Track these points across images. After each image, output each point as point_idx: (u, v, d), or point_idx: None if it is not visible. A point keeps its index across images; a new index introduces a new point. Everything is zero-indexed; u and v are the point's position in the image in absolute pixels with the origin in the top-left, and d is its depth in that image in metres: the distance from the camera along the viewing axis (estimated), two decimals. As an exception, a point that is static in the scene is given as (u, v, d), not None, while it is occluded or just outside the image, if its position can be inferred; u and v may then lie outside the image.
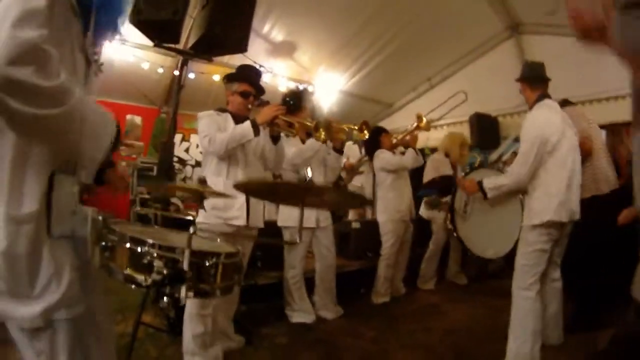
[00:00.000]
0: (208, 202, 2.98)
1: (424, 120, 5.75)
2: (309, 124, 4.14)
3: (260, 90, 3.89)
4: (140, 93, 8.70)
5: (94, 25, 1.65)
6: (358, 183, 8.17)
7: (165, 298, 1.57)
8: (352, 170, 7.64)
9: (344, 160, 7.14)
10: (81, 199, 1.63)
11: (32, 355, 1.49)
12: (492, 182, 4.05)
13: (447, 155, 6.71)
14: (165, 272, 1.53)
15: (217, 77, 7.49)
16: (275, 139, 3.83)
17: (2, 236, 1.39)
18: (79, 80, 1.60)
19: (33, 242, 1.43)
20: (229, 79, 3.88)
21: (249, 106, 3.78)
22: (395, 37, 7.77)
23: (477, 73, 8.25)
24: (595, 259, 4.22)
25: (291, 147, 4.45)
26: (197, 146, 9.53)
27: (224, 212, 3.48)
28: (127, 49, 7.14)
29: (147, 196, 7.53)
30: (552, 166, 3.71)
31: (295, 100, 4.67)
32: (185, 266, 1.56)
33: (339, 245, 6.04)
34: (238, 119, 3.69)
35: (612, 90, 6.34)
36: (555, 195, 3.65)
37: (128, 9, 1.81)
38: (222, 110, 3.80)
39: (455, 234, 4.80)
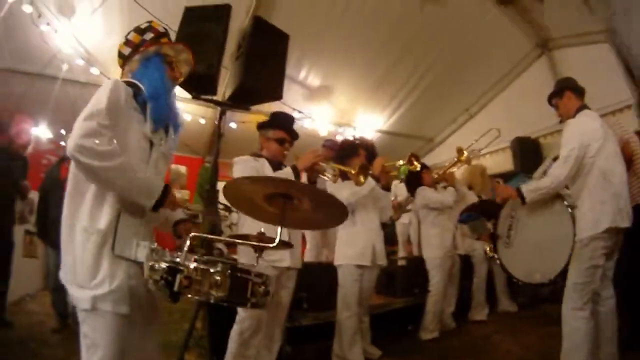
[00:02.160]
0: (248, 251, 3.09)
1: (465, 153, 5.69)
2: (347, 169, 4.14)
3: (294, 136, 3.93)
4: (183, 143, 8.92)
5: (150, 114, 2.29)
6: (406, 220, 8.11)
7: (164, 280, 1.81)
8: (400, 208, 7.58)
9: (392, 198, 7.15)
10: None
11: (82, 337, 2.03)
12: (530, 185, 3.90)
13: (470, 188, 6.61)
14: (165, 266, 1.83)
15: (258, 125, 7.63)
16: (312, 184, 3.78)
17: (80, 241, 2.04)
18: (142, 158, 2.27)
19: (97, 251, 2.04)
20: (263, 126, 3.94)
21: (285, 152, 3.82)
22: (428, 71, 7.84)
23: (514, 96, 8.20)
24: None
25: (345, 188, 4.42)
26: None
27: (268, 255, 3.41)
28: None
29: (193, 242, 7.60)
30: (598, 173, 3.56)
31: (346, 149, 4.69)
32: (182, 259, 1.83)
33: (386, 283, 5.98)
34: (274, 165, 3.72)
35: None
36: (608, 202, 3.49)
37: (174, 101, 2.53)
38: (258, 155, 3.80)
39: (498, 262, 4.61)
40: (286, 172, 3.52)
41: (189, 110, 8.04)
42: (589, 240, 3.49)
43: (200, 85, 4.25)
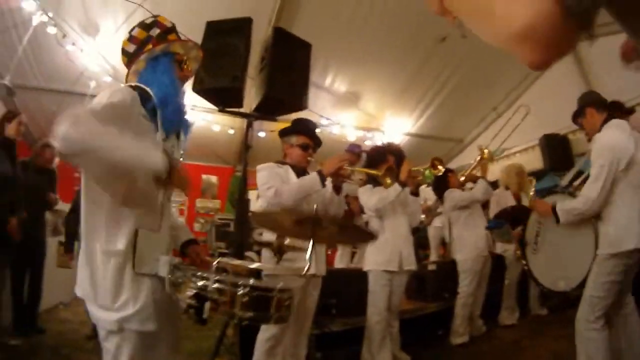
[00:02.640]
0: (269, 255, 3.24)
1: (486, 152, 5.67)
2: (374, 172, 4.14)
3: (317, 142, 3.93)
4: (213, 154, 9.08)
5: (161, 120, 2.16)
6: (439, 223, 8.06)
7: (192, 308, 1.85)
8: (430, 212, 7.55)
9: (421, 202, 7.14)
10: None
11: (104, 352, 1.98)
12: (565, 205, 3.75)
13: (507, 188, 6.52)
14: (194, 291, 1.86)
15: (286, 133, 7.71)
16: (337, 189, 3.80)
17: (99, 262, 1.96)
18: None
19: (119, 271, 1.95)
20: (286, 132, 3.93)
21: (308, 158, 3.82)
22: (454, 72, 7.82)
23: (541, 92, 8.04)
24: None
25: (375, 195, 4.45)
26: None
27: (293, 262, 3.41)
28: (197, 114, 7.51)
29: (225, 251, 7.73)
30: (627, 188, 3.40)
31: (374, 155, 4.70)
32: (211, 286, 1.83)
33: (416, 287, 5.95)
34: (298, 171, 3.74)
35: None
36: (636, 220, 3.33)
37: (184, 104, 2.34)
38: (281, 162, 3.81)
39: (526, 268, 4.56)
40: (312, 178, 3.54)
41: (217, 121, 8.17)
42: (610, 256, 3.37)
43: (227, 98, 4.39)
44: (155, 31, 2.31)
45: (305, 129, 3.93)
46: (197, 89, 4.22)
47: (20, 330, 5.06)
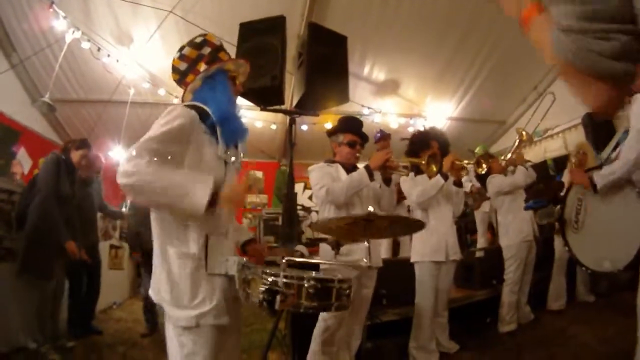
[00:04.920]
0: (330, 250, 3.33)
1: (524, 133, 5.62)
2: (417, 161, 4.22)
3: (364, 138, 4.00)
4: (257, 149, 9.22)
5: (222, 136, 2.29)
6: (487, 209, 7.98)
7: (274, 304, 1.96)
8: (480, 195, 7.43)
9: (469, 185, 7.11)
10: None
11: (177, 346, 2.09)
12: (601, 171, 3.60)
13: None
14: (265, 288, 1.95)
15: (329, 125, 7.71)
16: (387, 181, 3.91)
17: (175, 266, 2.11)
18: (220, 177, 2.23)
19: (195, 273, 2.12)
20: (333, 132, 4.04)
21: (357, 154, 3.92)
22: (491, 52, 7.70)
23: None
24: None
25: (417, 186, 4.51)
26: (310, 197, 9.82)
27: (347, 256, 3.56)
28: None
29: (275, 244, 7.83)
30: None
31: (417, 142, 4.73)
32: (280, 283, 1.95)
33: (464, 275, 5.92)
34: (348, 168, 3.83)
35: None
36: None
37: (241, 120, 2.45)
38: (331, 161, 3.93)
39: (567, 248, 4.35)
40: (360, 173, 3.63)
41: (259, 117, 8.27)
42: None
43: (267, 97, 4.44)
44: (207, 50, 2.45)
45: (352, 126, 4.00)
46: (237, 91, 4.28)
47: (77, 332, 5.26)
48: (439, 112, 9.13)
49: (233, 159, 2.40)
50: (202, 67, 2.43)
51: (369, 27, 6.78)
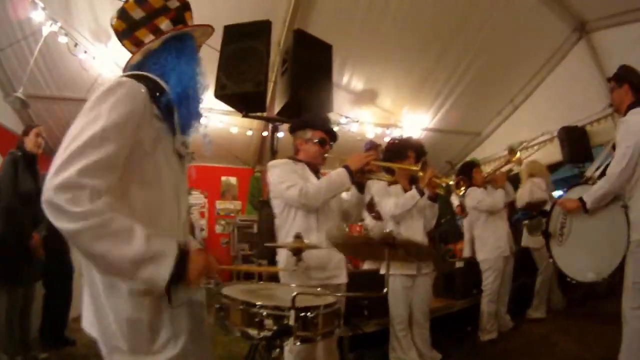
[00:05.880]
0: (301, 264, 2.90)
1: (517, 154, 5.62)
2: (412, 167, 4.06)
3: (334, 137, 3.58)
4: (232, 155, 9.10)
5: (179, 121, 1.80)
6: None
7: (276, 349, 1.79)
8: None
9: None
10: None
11: None
12: (589, 191, 3.85)
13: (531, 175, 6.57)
14: (275, 328, 1.70)
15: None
16: (360, 187, 3.53)
17: (128, 306, 1.58)
18: (174, 190, 1.79)
19: (155, 310, 1.61)
20: (299, 126, 3.56)
21: (325, 155, 3.50)
22: (469, 66, 7.76)
23: (557, 84, 7.92)
24: None
25: (390, 198, 4.36)
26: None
27: (321, 272, 3.19)
28: (215, 116, 7.52)
29: (249, 252, 7.76)
30: None
31: (394, 150, 4.55)
32: (292, 322, 1.71)
33: (444, 285, 5.95)
34: (313, 170, 3.45)
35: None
36: None
37: (203, 98, 1.93)
38: (295, 159, 3.48)
39: (551, 260, 4.48)
40: (340, 174, 3.23)
41: (236, 123, 8.17)
42: None
43: (250, 103, 4.33)
44: (174, 3, 1.90)
45: (323, 123, 3.60)
46: (220, 95, 4.16)
47: (49, 342, 5.09)
48: (415, 122, 9.15)
49: (187, 151, 1.93)
50: (164, 23, 1.87)
51: (350, 37, 6.75)
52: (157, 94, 1.72)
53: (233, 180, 10.21)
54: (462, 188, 4.24)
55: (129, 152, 1.60)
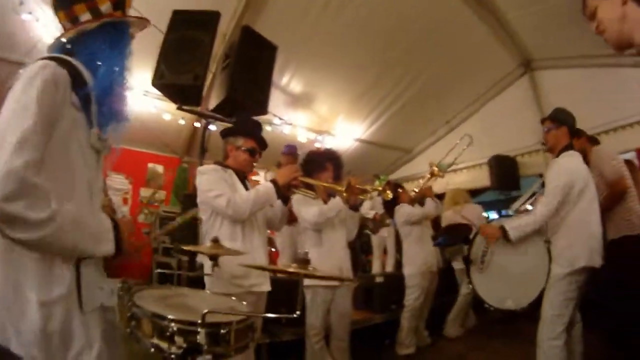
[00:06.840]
0: (226, 272, 2.99)
1: (436, 170, 5.86)
2: (338, 188, 4.02)
3: (264, 146, 3.66)
4: (161, 142, 8.83)
5: (97, 115, 1.74)
6: (385, 233, 8.19)
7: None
8: (381, 221, 7.53)
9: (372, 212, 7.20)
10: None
11: None
12: (515, 222, 4.01)
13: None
14: (184, 345, 1.67)
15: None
16: (285, 200, 3.64)
17: (38, 317, 1.50)
18: (88, 184, 1.74)
19: (65, 319, 1.56)
20: (231, 133, 3.63)
21: (254, 164, 3.63)
22: (411, 84, 7.91)
23: (494, 112, 8.33)
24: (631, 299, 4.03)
25: (312, 206, 4.34)
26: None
27: (245, 279, 3.22)
28: (149, 100, 7.26)
29: (170, 246, 7.55)
30: (579, 214, 3.71)
31: (312, 162, 4.57)
32: (202, 340, 1.69)
33: (363, 299, 6.02)
34: (241, 177, 3.53)
35: (628, 117, 6.40)
36: (585, 242, 3.63)
37: (127, 97, 1.89)
38: (223, 165, 3.52)
39: (471, 286, 4.59)
40: (267, 189, 3.32)
41: (168, 109, 7.90)
42: (565, 275, 3.63)
43: (185, 96, 4.17)
44: None
45: (255, 131, 3.67)
46: (157, 84, 4.02)
47: None
48: (349, 132, 9.20)
49: (104, 147, 1.84)
50: (105, 5, 1.77)
51: (298, 38, 6.66)
52: (78, 85, 1.66)
53: (160, 168, 9.87)
54: (389, 192, 4.26)
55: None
